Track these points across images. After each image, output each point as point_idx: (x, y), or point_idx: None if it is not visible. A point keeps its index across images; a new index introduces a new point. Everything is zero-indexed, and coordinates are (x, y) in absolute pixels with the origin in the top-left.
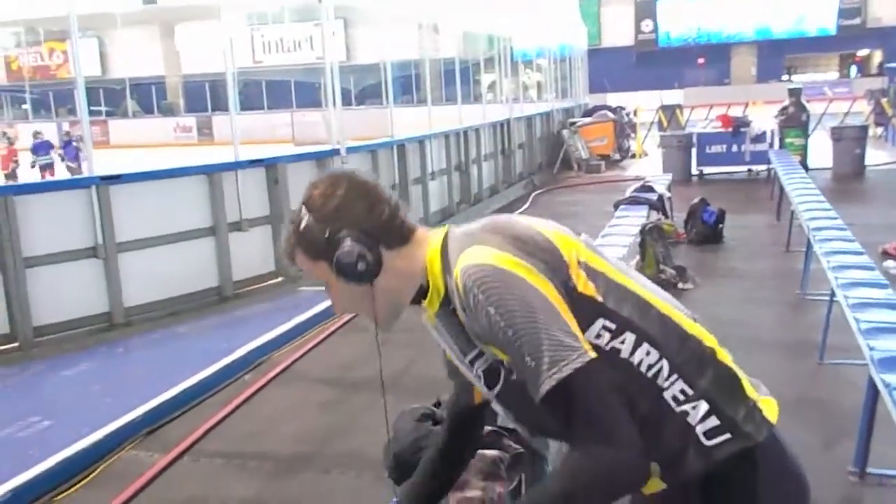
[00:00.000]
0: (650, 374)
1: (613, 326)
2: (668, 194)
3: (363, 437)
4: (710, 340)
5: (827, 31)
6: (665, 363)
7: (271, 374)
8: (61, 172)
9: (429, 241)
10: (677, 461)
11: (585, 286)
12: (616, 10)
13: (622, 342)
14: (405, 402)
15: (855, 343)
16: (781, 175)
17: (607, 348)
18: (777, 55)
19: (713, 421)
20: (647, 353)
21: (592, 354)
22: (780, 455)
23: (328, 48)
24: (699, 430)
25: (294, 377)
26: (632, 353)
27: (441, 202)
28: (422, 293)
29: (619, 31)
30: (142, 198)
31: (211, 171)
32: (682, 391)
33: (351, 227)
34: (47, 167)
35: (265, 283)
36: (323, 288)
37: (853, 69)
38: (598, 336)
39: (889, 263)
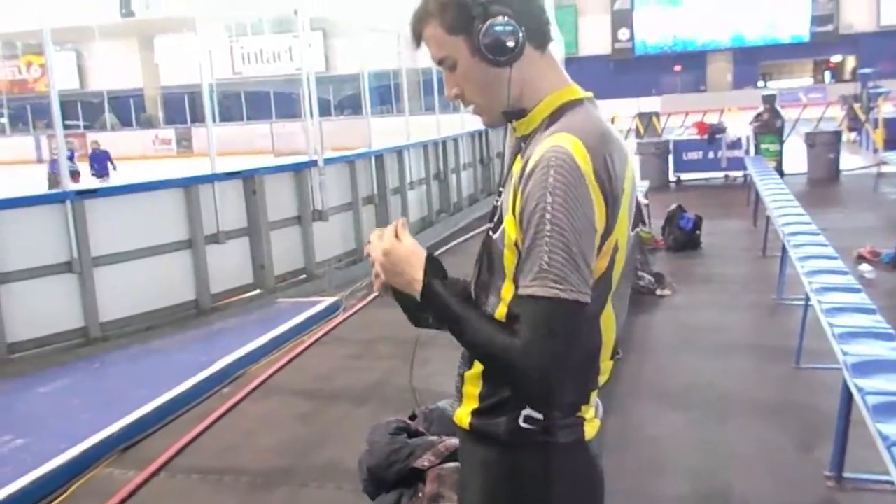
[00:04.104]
0: None
1: None
2: (645, 201)
3: (341, 449)
4: (603, 376)
5: (800, 38)
6: None
7: (249, 388)
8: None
9: (557, 74)
10: (491, 416)
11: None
12: (593, 19)
13: None
14: (384, 413)
15: (830, 347)
16: (757, 181)
17: None
18: (752, 62)
19: (538, 415)
20: None
21: (587, 300)
22: (577, 460)
23: (305, 59)
24: (524, 412)
25: (271, 390)
26: None
27: (420, 212)
28: (517, 114)
29: (596, 40)
30: (118, 211)
31: (188, 184)
32: None
33: (504, 4)
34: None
35: (243, 296)
36: (297, 300)
37: (827, 75)
38: None
39: (864, 267)
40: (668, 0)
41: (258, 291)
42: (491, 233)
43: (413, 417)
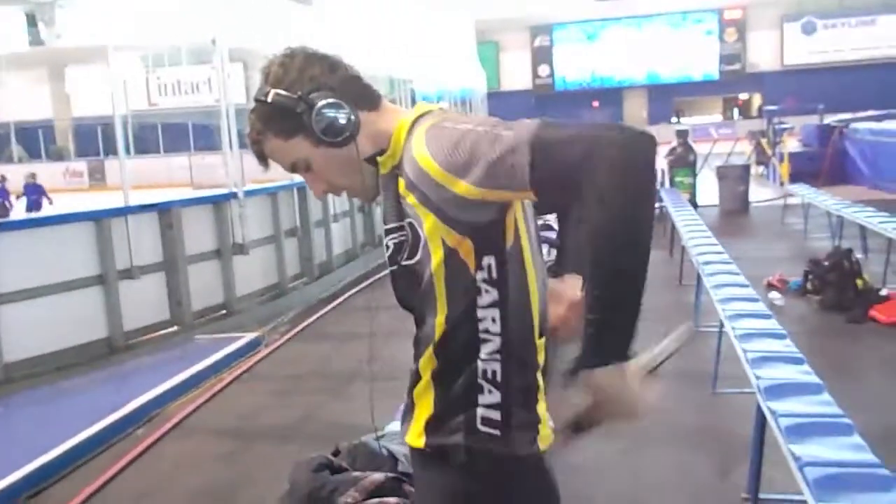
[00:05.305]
0: (480, 336)
1: (495, 276)
2: None
3: (266, 489)
4: (541, 358)
5: (711, 77)
6: (498, 342)
7: (165, 428)
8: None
9: (399, 111)
10: (447, 420)
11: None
12: (514, 55)
13: (486, 291)
14: (309, 450)
15: (744, 372)
16: (672, 212)
17: (476, 283)
18: (666, 99)
19: (495, 414)
20: (493, 321)
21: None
22: (535, 478)
23: (224, 90)
24: (480, 411)
25: (190, 430)
26: (483, 308)
27: (345, 244)
28: (379, 154)
29: (517, 76)
30: (24, 246)
31: (99, 217)
32: (494, 373)
33: (321, 89)
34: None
35: (159, 333)
36: (217, 336)
37: (735, 112)
38: (480, 268)
39: (773, 295)
40: (585, 38)
41: (175, 328)
42: (405, 262)
43: (336, 453)
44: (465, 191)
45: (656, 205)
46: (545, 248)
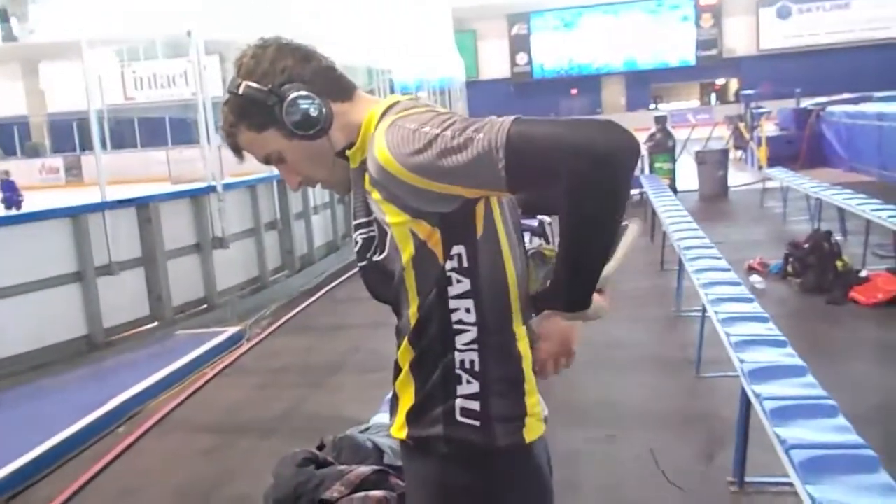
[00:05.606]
0: (455, 327)
1: (466, 265)
2: (548, 220)
3: (249, 484)
4: (525, 349)
5: (687, 63)
6: (475, 332)
7: (148, 425)
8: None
9: (371, 101)
10: (427, 411)
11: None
12: (492, 44)
13: (458, 281)
14: (292, 444)
15: (728, 356)
16: (652, 198)
17: (446, 273)
18: (644, 85)
19: (474, 404)
20: (467, 311)
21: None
22: (520, 469)
23: (200, 83)
24: (459, 402)
25: (173, 426)
26: (455, 298)
27: (325, 236)
28: (349, 146)
29: (496, 64)
30: (0, 244)
31: (76, 213)
32: (472, 364)
33: (293, 81)
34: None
35: (139, 329)
36: (198, 331)
37: (713, 97)
38: (450, 258)
39: (755, 278)
40: (563, 25)
41: (155, 324)
42: (374, 257)
43: (321, 447)
44: (429, 186)
45: (637, 191)
46: (527, 236)
